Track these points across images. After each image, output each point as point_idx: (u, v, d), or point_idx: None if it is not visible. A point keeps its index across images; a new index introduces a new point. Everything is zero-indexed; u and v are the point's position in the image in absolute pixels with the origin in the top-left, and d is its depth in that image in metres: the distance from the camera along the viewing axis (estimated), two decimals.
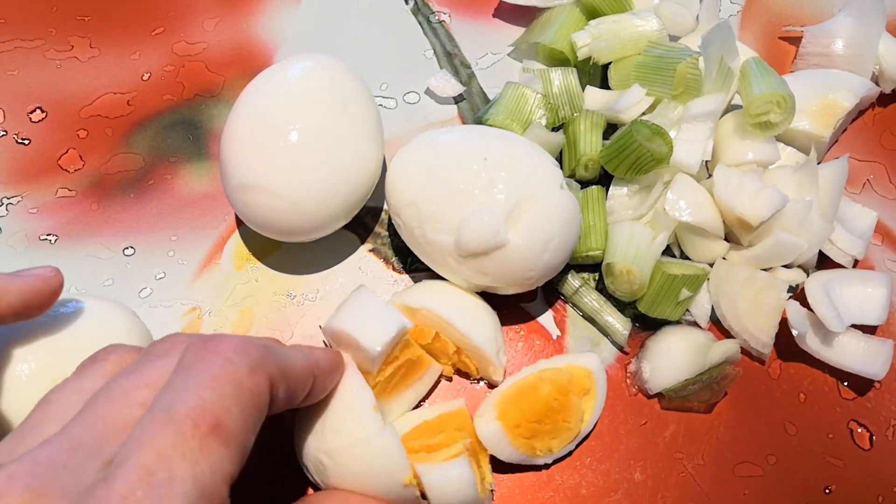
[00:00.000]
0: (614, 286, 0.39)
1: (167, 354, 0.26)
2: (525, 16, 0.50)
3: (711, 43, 0.41)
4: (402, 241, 0.43)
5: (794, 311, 0.39)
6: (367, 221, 0.44)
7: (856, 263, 0.42)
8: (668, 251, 0.42)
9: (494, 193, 0.35)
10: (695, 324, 0.41)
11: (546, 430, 0.35)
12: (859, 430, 0.39)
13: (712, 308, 0.41)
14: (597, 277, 0.42)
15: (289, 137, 0.36)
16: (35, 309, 0.31)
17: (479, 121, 0.44)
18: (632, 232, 0.39)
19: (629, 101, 0.42)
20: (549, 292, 0.42)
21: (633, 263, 0.38)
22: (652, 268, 0.39)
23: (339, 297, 0.39)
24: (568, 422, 0.35)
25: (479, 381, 0.39)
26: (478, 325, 0.37)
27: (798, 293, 0.41)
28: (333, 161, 0.37)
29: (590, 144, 0.42)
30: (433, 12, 0.51)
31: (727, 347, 0.38)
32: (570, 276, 0.41)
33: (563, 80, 0.44)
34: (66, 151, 0.46)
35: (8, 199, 0.44)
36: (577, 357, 0.38)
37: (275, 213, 0.37)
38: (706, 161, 0.42)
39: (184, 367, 0.25)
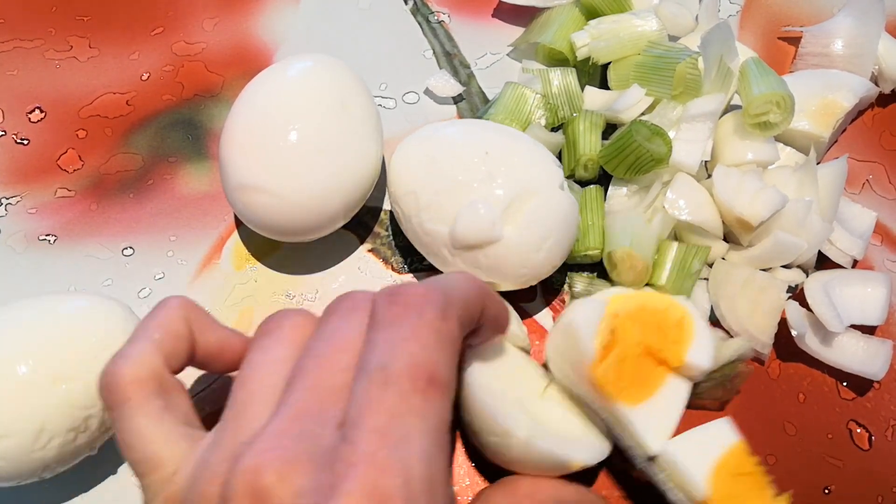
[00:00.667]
0: (619, 277, 0.39)
1: (352, 313, 0.26)
2: (524, 16, 0.50)
3: (711, 43, 0.41)
4: (402, 241, 0.43)
5: (794, 311, 0.38)
6: (367, 221, 0.44)
7: (855, 264, 0.42)
8: None
9: (493, 187, 0.35)
10: None
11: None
12: (858, 431, 0.39)
13: (711, 308, 0.40)
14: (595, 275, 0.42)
15: (288, 137, 0.36)
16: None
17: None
18: (625, 219, 0.39)
19: (628, 101, 0.42)
20: (548, 292, 0.42)
21: (631, 246, 0.38)
22: (652, 250, 0.38)
23: None
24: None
25: None
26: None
27: (797, 293, 0.41)
28: (333, 161, 0.37)
29: (589, 144, 0.42)
30: (432, 12, 0.51)
31: (739, 345, 0.38)
32: (576, 277, 0.41)
33: (562, 80, 0.44)
34: (66, 151, 0.46)
35: (7, 199, 0.44)
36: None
37: (274, 213, 0.37)
38: (705, 161, 0.42)
39: (381, 324, 0.25)
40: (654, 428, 0.34)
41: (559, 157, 0.44)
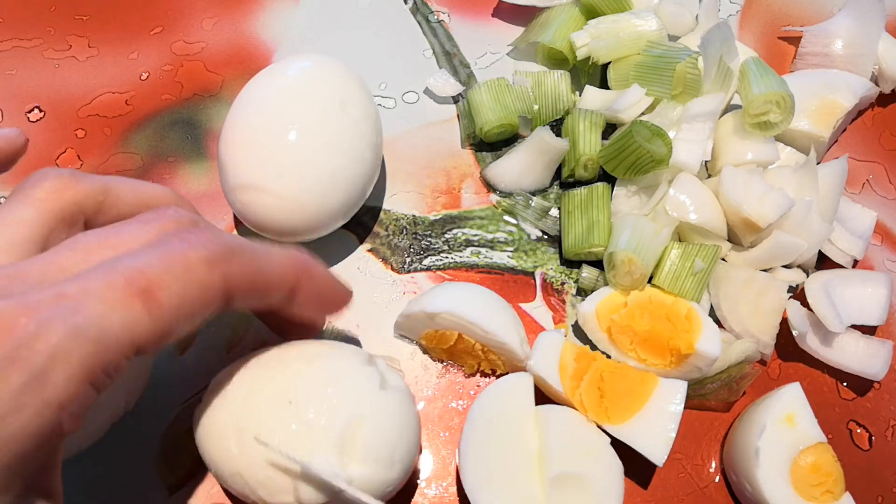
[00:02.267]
0: (616, 278, 0.39)
1: (146, 223, 0.26)
2: (524, 15, 0.50)
3: (711, 43, 0.41)
4: (402, 241, 0.43)
5: (795, 311, 0.38)
6: (366, 221, 0.44)
7: (855, 264, 0.42)
8: None
9: (314, 436, 0.29)
10: None
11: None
12: (858, 431, 0.39)
13: (711, 307, 0.40)
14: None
15: (287, 137, 0.36)
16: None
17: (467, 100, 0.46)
18: (635, 223, 0.39)
19: (628, 101, 0.42)
20: (549, 293, 0.42)
21: (634, 252, 0.37)
22: (654, 260, 0.38)
23: None
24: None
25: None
26: (497, 320, 0.37)
27: (798, 293, 0.41)
28: (331, 161, 0.37)
29: (589, 144, 0.42)
30: (432, 12, 0.51)
31: (745, 346, 0.38)
32: (587, 268, 0.41)
33: (551, 82, 0.45)
34: (65, 151, 0.45)
35: (5, 198, 0.44)
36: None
37: (272, 213, 0.37)
38: (705, 161, 0.42)
39: (153, 243, 0.25)
40: (652, 439, 0.34)
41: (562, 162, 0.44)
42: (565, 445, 0.34)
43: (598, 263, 0.41)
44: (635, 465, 0.36)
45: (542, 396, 0.37)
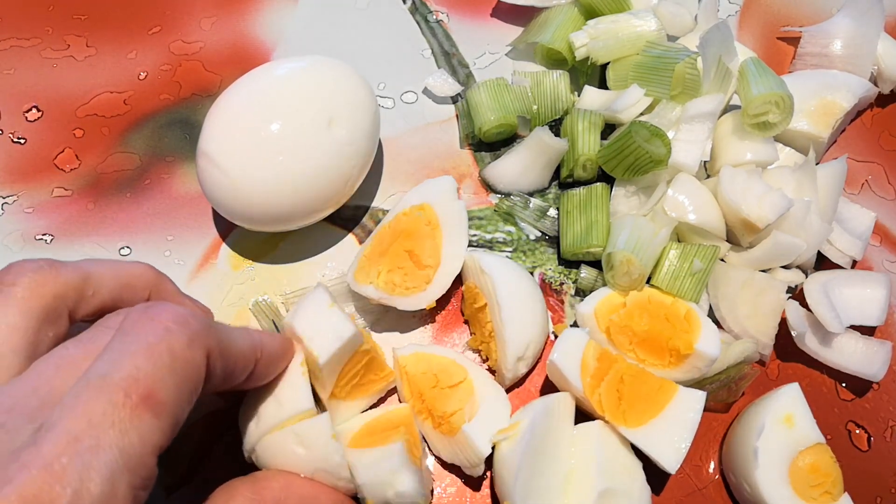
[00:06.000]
0: (614, 279, 0.39)
1: (125, 334, 0.25)
2: (523, 15, 0.50)
3: (710, 43, 0.41)
4: None
5: (794, 311, 0.38)
6: (365, 222, 0.44)
7: (854, 264, 0.42)
8: None
9: None
10: None
11: None
12: (857, 432, 0.39)
13: (710, 308, 0.40)
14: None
15: (261, 126, 0.37)
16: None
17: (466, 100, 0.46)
18: (634, 223, 0.39)
19: (627, 102, 0.42)
20: (547, 293, 0.42)
21: (633, 253, 0.37)
22: (653, 260, 0.38)
23: None
24: None
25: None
26: (518, 324, 0.37)
27: (797, 293, 0.41)
28: (294, 160, 0.37)
29: (588, 144, 0.42)
30: (431, 11, 0.51)
31: (745, 347, 0.38)
32: (586, 268, 0.41)
33: (551, 82, 0.45)
34: (63, 150, 0.45)
35: (3, 198, 0.44)
36: None
37: (220, 190, 0.38)
38: (704, 161, 0.42)
39: (122, 332, 0.25)
40: (667, 446, 0.34)
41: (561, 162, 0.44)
42: (608, 462, 0.34)
43: (596, 264, 0.41)
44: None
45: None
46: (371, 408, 0.38)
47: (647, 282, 0.39)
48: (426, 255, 0.39)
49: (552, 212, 0.43)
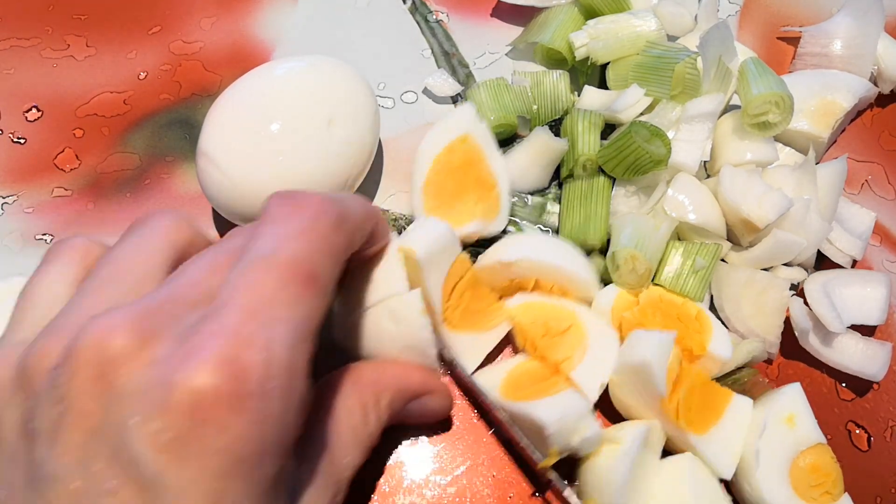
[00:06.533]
0: (620, 278, 0.39)
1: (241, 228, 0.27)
2: (523, 15, 0.50)
3: (709, 43, 0.41)
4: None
5: (798, 308, 0.38)
6: None
7: (854, 264, 0.42)
8: None
9: None
10: None
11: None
12: (857, 432, 0.39)
13: (711, 307, 0.40)
14: None
15: (260, 126, 0.37)
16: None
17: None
18: (634, 220, 0.39)
19: (627, 101, 0.42)
20: None
21: (636, 248, 0.37)
22: (657, 254, 0.38)
23: None
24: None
25: None
26: (569, 256, 0.38)
27: (799, 291, 0.41)
28: (291, 159, 0.37)
29: (588, 144, 0.42)
30: (431, 11, 0.51)
31: (752, 346, 0.38)
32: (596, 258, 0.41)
33: (551, 82, 0.45)
34: (62, 150, 0.45)
35: (3, 198, 0.44)
36: None
37: (218, 189, 0.38)
38: (704, 161, 0.42)
39: (272, 218, 0.26)
40: (726, 451, 0.34)
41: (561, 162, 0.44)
42: (699, 500, 0.33)
43: (600, 255, 0.41)
44: None
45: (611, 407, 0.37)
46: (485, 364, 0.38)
47: (652, 281, 0.39)
48: (489, 177, 0.40)
49: (550, 206, 0.43)
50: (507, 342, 0.39)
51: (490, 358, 0.38)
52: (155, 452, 0.21)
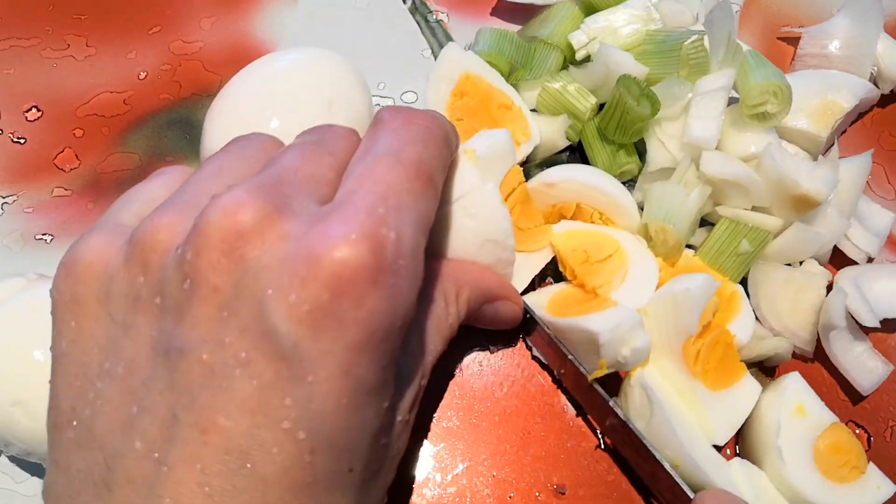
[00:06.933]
0: (654, 248, 0.39)
1: (343, 137, 0.28)
2: (523, 14, 0.50)
3: (715, 21, 0.41)
4: None
5: (837, 304, 0.38)
6: None
7: (869, 261, 0.42)
8: None
9: None
10: None
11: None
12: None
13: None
14: None
15: (259, 121, 0.37)
16: None
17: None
18: (662, 190, 0.39)
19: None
20: None
21: (666, 220, 0.38)
22: (688, 225, 0.38)
23: None
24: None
25: None
26: (610, 182, 0.39)
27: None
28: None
29: (581, 102, 0.43)
30: (431, 11, 0.51)
31: (778, 344, 0.38)
32: None
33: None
34: (62, 150, 0.45)
35: (3, 198, 0.44)
36: None
37: None
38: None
39: (388, 127, 0.27)
40: (725, 419, 0.35)
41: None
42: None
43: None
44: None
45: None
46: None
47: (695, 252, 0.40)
48: (506, 99, 0.41)
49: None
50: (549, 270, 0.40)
51: (532, 286, 0.39)
52: (292, 324, 0.21)
